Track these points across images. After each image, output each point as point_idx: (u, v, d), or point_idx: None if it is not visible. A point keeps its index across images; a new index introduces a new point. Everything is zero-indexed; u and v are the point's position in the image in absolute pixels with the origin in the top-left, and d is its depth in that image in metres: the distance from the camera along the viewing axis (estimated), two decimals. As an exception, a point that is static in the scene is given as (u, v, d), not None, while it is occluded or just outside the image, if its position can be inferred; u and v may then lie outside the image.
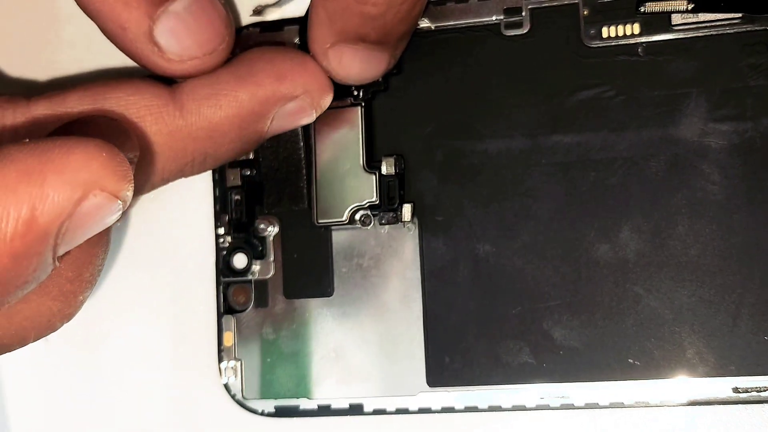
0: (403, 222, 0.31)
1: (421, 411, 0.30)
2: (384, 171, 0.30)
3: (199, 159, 0.28)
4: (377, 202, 0.30)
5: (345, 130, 0.31)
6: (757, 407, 0.28)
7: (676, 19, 0.29)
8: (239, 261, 0.32)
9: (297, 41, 0.31)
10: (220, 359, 0.32)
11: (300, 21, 0.31)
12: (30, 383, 0.34)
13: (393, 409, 0.30)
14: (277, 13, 0.32)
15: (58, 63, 0.34)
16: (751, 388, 0.28)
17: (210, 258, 0.32)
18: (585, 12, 0.30)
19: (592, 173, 0.29)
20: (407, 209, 0.30)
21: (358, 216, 0.31)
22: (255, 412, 0.32)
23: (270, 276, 0.32)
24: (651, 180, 0.29)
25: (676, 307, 0.29)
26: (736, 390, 0.28)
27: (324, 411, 0.31)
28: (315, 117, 0.30)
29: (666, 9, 0.29)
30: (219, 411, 0.32)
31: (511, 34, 0.30)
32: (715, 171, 0.29)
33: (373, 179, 0.30)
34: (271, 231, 0.32)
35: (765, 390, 0.28)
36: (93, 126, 0.25)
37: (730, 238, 0.28)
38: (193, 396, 0.32)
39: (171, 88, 0.28)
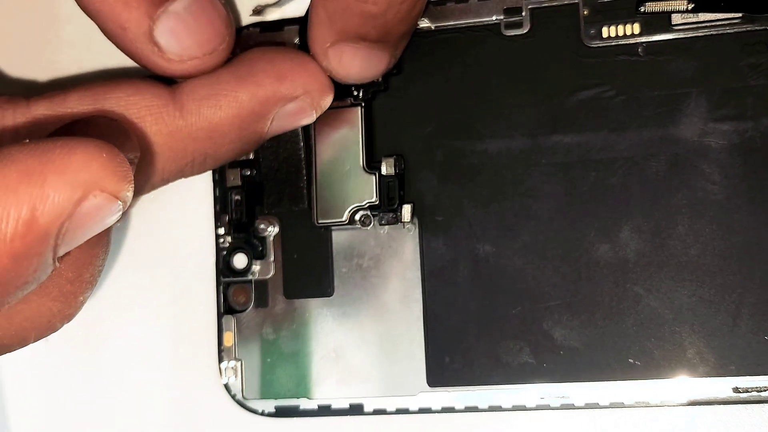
0: (403, 223, 0.30)
1: (422, 411, 0.30)
2: (384, 171, 0.30)
3: (199, 159, 0.28)
4: (377, 202, 0.30)
5: (345, 130, 0.31)
6: (758, 407, 0.28)
7: (676, 19, 0.29)
8: (239, 261, 0.32)
9: (297, 41, 0.31)
10: (220, 359, 0.32)
11: (300, 21, 0.31)
12: (30, 384, 0.34)
13: (393, 409, 0.30)
14: (277, 13, 0.32)
15: (58, 63, 0.34)
16: (752, 388, 0.28)
17: (210, 258, 0.32)
18: (585, 12, 0.30)
19: (592, 173, 0.29)
20: (407, 210, 0.30)
21: (357, 216, 0.31)
22: (255, 412, 0.32)
23: (270, 276, 0.32)
24: (651, 180, 0.29)
25: (676, 307, 0.29)
26: (736, 390, 0.28)
27: (324, 411, 0.31)
28: (315, 117, 0.30)
29: (666, 9, 0.29)
30: (219, 411, 0.32)
31: (511, 34, 0.30)
32: (716, 171, 0.29)
33: (373, 180, 0.30)
34: (272, 231, 0.32)
35: (765, 390, 0.28)
36: (93, 126, 0.25)
37: (730, 237, 0.28)
38: (194, 396, 0.32)
39: (171, 88, 0.28)
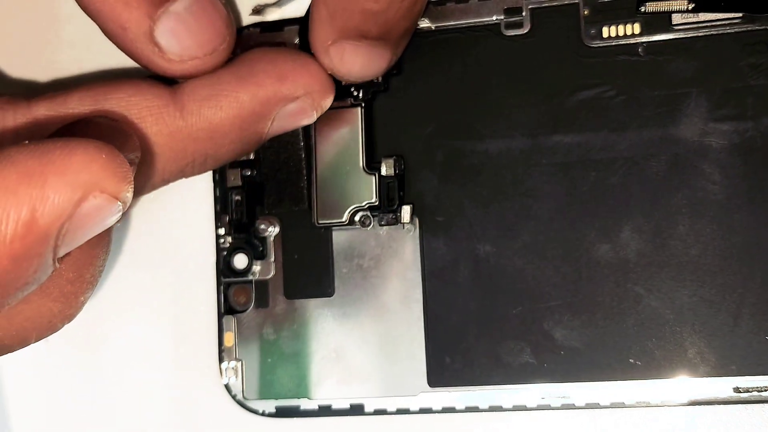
0: (403, 224, 0.30)
1: (422, 411, 0.30)
2: (384, 172, 0.30)
3: (200, 159, 0.28)
4: (377, 203, 0.30)
5: (345, 130, 0.31)
6: (758, 407, 0.28)
7: (676, 19, 0.29)
8: (240, 261, 0.32)
9: (297, 42, 0.31)
10: (220, 359, 0.32)
11: (300, 21, 0.31)
12: (31, 384, 0.34)
13: (394, 410, 0.30)
14: (277, 14, 0.32)
15: (58, 63, 0.34)
16: (752, 387, 0.28)
17: (210, 258, 0.32)
18: (585, 12, 0.30)
19: (592, 173, 0.29)
20: (406, 211, 0.30)
21: (357, 217, 0.31)
22: (256, 412, 0.32)
23: (270, 276, 0.32)
24: (652, 180, 0.29)
25: (677, 307, 0.29)
26: (737, 390, 0.28)
27: (325, 411, 0.31)
28: (316, 118, 0.30)
29: (666, 9, 0.29)
30: (220, 411, 0.32)
31: (512, 34, 0.30)
32: (716, 171, 0.29)
33: (373, 180, 0.30)
34: (272, 231, 0.32)
35: (766, 390, 0.28)
36: (94, 127, 0.25)
37: (730, 237, 0.28)
38: (194, 396, 0.32)
39: (172, 88, 0.28)
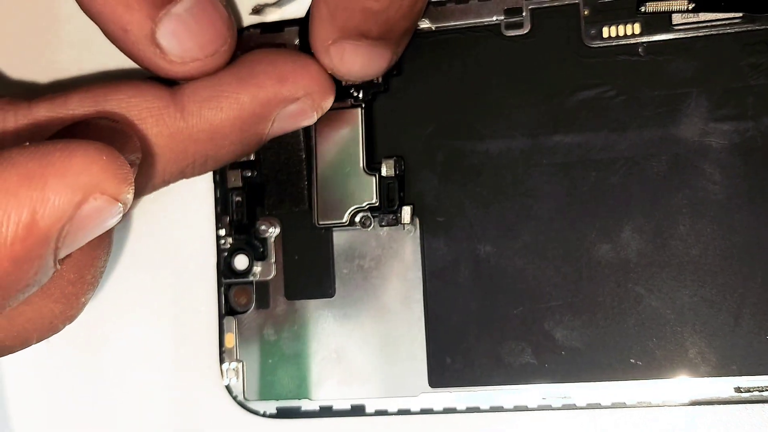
0: (403, 224, 0.30)
1: (423, 412, 0.30)
2: (384, 173, 0.30)
3: (200, 161, 0.28)
4: (377, 204, 0.30)
5: (345, 131, 0.31)
6: (759, 407, 0.28)
7: (676, 19, 0.29)
8: (240, 262, 0.32)
9: (297, 42, 0.31)
10: (221, 360, 0.32)
11: (300, 22, 0.31)
12: (32, 384, 0.34)
13: (395, 410, 0.30)
14: (277, 14, 0.32)
15: (58, 64, 0.34)
16: (753, 387, 0.28)
17: (211, 259, 0.32)
18: (585, 12, 0.30)
19: (592, 173, 0.29)
20: (407, 211, 0.30)
21: (358, 218, 0.31)
22: (256, 413, 0.32)
23: (271, 277, 0.32)
24: (652, 180, 0.29)
25: (677, 307, 0.29)
26: (737, 390, 0.28)
27: (325, 412, 0.31)
28: (316, 119, 0.30)
29: (666, 9, 0.29)
30: (220, 412, 0.32)
31: (512, 34, 0.30)
32: (716, 171, 0.29)
33: (373, 181, 0.30)
34: (272, 232, 0.32)
35: (767, 390, 0.28)
36: (94, 128, 0.25)
37: (731, 237, 0.28)
38: (195, 397, 0.32)
39: (172, 89, 0.28)
